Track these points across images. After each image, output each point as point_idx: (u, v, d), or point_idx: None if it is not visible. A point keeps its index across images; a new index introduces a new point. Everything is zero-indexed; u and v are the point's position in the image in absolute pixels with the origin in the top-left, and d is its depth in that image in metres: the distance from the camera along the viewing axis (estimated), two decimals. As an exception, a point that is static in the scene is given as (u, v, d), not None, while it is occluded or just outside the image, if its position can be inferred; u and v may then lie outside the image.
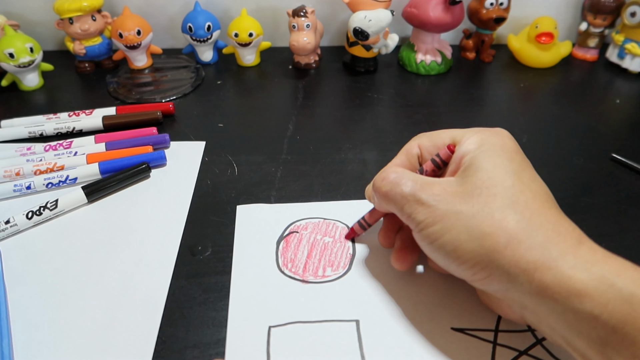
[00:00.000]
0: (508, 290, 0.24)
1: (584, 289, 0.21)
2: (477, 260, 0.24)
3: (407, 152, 0.31)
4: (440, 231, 0.25)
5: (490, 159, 0.26)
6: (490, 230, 0.24)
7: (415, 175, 0.28)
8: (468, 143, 0.28)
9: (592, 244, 0.24)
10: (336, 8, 0.63)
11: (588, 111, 0.53)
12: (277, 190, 0.40)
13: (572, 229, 0.24)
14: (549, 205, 0.25)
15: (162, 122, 0.49)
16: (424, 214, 0.26)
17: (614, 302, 0.21)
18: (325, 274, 0.33)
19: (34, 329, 0.29)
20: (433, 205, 0.26)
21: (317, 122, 0.50)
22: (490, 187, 0.25)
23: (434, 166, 0.30)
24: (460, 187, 0.26)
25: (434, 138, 0.31)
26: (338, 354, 0.28)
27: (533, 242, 0.23)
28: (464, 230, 0.24)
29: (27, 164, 0.41)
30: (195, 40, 0.58)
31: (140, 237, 0.36)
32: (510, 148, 0.27)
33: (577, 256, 0.23)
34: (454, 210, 0.25)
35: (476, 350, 0.28)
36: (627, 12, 0.58)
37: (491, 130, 0.29)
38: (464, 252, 0.24)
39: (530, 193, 0.25)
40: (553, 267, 0.22)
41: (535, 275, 0.23)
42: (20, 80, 0.54)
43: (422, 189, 0.26)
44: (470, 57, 0.64)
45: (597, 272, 0.22)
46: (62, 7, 0.53)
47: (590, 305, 0.21)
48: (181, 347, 0.29)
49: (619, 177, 0.43)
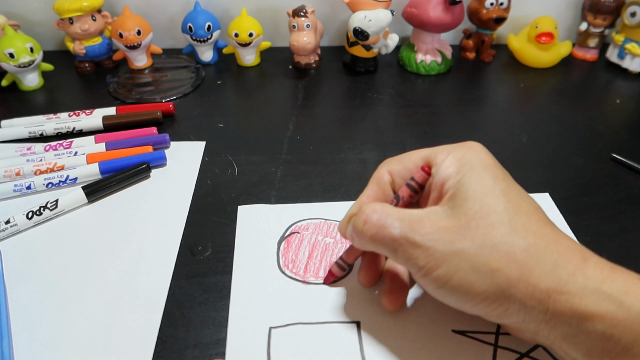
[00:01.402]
0: (524, 321, 0.23)
1: (595, 312, 0.21)
2: (493, 299, 0.23)
3: (377, 181, 0.29)
4: (446, 275, 0.23)
5: (475, 183, 0.25)
6: (498, 266, 0.23)
7: (398, 211, 0.26)
8: (446, 166, 0.26)
9: (596, 258, 0.23)
10: (336, 8, 0.63)
11: (588, 111, 0.53)
12: (277, 190, 0.40)
13: (573, 245, 0.24)
14: (543, 222, 0.24)
15: (162, 122, 0.49)
16: (424, 259, 0.24)
17: (624, 322, 0.21)
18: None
19: (34, 329, 0.29)
20: (431, 247, 0.24)
21: (317, 122, 0.50)
22: (484, 217, 0.24)
23: (410, 191, 0.28)
24: (453, 219, 0.24)
25: (404, 161, 0.29)
26: (339, 355, 0.28)
27: (543, 270, 0.22)
28: (471, 271, 0.23)
29: (27, 164, 0.41)
30: (195, 40, 0.58)
31: (140, 237, 0.36)
32: (489, 164, 0.26)
33: (586, 276, 0.22)
34: (454, 249, 0.23)
35: (477, 352, 0.28)
36: (627, 12, 0.58)
37: (465, 147, 0.27)
38: (477, 293, 0.23)
39: (524, 214, 0.24)
40: (565, 292, 0.22)
41: (549, 303, 0.22)
42: (20, 80, 0.54)
43: (413, 229, 0.24)
44: (470, 57, 0.64)
45: (606, 292, 0.21)
46: (62, 7, 0.53)
47: (602, 327, 0.21)
48: (181, 347, 0.29)
49: (619, 177, 0.43)
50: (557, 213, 0.38)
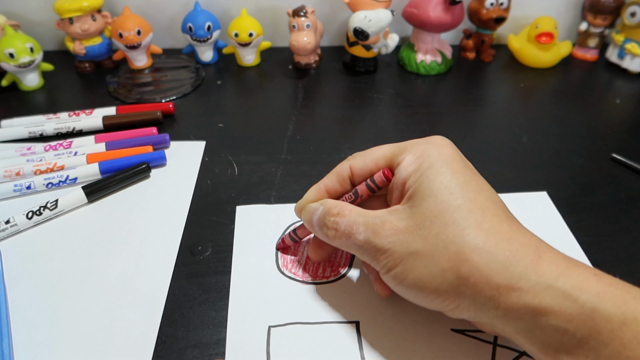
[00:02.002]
0: (477, 316, 0.24)
1: (549, 307, 0.22)
2: (445, 296, 0.24)
3: (337, 173, 0.30)
4: (402, 273, 0.25)
5: (432, 181, 0.25)
6: (449, 265, 0.24)
7: (363, 217, 0.27)
8: (406, 165, 0.27)
9: (552, 253, 0.23)
10: (336, 8, 0.63)
11: (588, 111, 0.53)
12: (277, 190, 0.40)
13: (528, 240, 0.24)
14: (499, 217, 0.25)
15: (162, 122, 0.49)
16: (384, 259, 0.26)
17: (577, 317, 0.21)
18: (325, 275, 0.33)
19: (34, 329, 0.29)
20: (390, 249, 0.25)
21: (317, 122, 0.50)
22: (438, 215, 0.24)
23: (369, 191, 0.29)
24: (411, 220, 0.25)
25: (366, 159, 0.30)
26: (338, 355, 0.28)
27: (493, 267, 0.23)
28: (424, 270, 0.24)
29: (27, 164, 0.41)
30: (195, 40, 0.58)
31: (140, 237, 0.36)
32: (450, 159, 0.26)
33: (539, 272, 0.22)
34: (410, 250, 0.25)
35: (476, 351, 0.28)
36: (627, 12, 0.58)
37: (426, 142, 0.28)
38: (430, 290, 0.24)
39: (479, 210, 0.24)
40: (517, 289, 0.22)
41: (500, 300, 0.23)
42: (20, 80, 0.54)
43: (375, 232, 0.26)
44: (470, 57, 0.64)
45: (560, 288, 0.22)
46: (62, 7, 0.53)
47: (556, 322, 0.22)
48: (181, 347, 0.29)
49: (619, 177, 0.43)
50: (556, 213, 0.38)
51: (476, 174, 0.27)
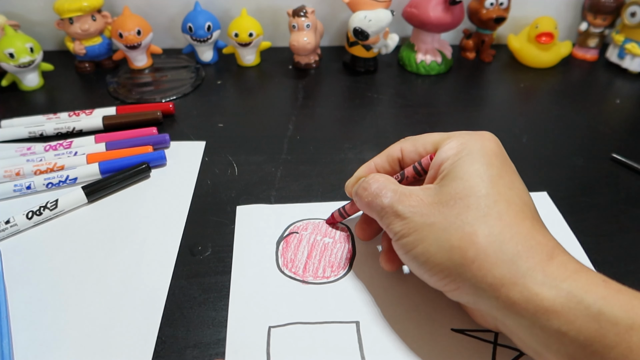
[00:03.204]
0: (476, 303, 0.25)
1: (552, 307, 0.22)
2: (446, 273, 0.24)
3: (388, 154, 0.32)
4: (413, 242, 0.26)
5: (466, 166, 0.26)
6: (458, 244, 0.24)
7: (395, 185, 0.28)
8: (447, 149, 0.28)
9: (564, 257, 0.23)
10: (336, 8, 0.63)
11: (588, 111, 0.53)
12: (277, 190, 0.40)
13: (545, 241, 0.24)
14: (523, 215, 0.25)
15: (162, 122, 0.49)
16: (400, 226, 0.26)
17: (581, 319, 0.21)
18: (325, 275, 0.33)
19: (34, 329, 0.29)
20: (408, 217, 0.26)
21: (317, 122, 0.50)
22: (464, 198, 0.25)
23: (414, 173, 0.30)
24: (437, 197, 0.26)
25: (417, 143, 0.31)
26: (338, 355, 0.28)
27: (501, 258, 0.23)
28: (434, 243, 0.25)
29: (27, 164, 0.41)
30: (195, 40, 0.58)
31: (140, 237, 0.36)
32: (490, 152, 0.27)
33: (546, 272, 0.22)
34: (427, 222, 0.25)
35: (476, 350, 0.28)
36: (627, 12, 0.58)
37: (473, 134, 0.28)
38: (434, 264, 0.25)
39: (505, 203, 0.25)
40: (520, 284, 0.22)
41: (501, 291, 0.23)
42: (20, 80, 0.54)
43: (400, 200, 0.27)
44: (470, 57, 0.64)
45: (565, 289, 0.22)
46: (62, 7, 0.53)
47: (558, 323, 0.21)
48: (181, 347, 0.29)
49: (619, 177, 0.43)
50: (556, 213, 0.38)
51: (514, 172, 0.27)
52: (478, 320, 0.28)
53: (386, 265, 0.31)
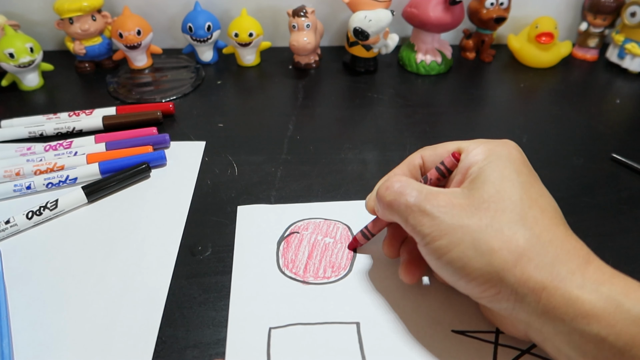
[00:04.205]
0: (514, 309, 0.24)
1: (592, 310, 0.21)
2: (486, 278, 0.23)
3: (409, 162, 0.31)
4: (447, 246, 0.24)
5: (497, 171, 0.25)
6: (499, 247, 0.23)
7: (420, 185, 0.27)
8: (475, 153, 0.27)
9: (599, 262, 0.23)
10: (336, 8, 0.63)
11: (588, 111, 0.53)
12: (277, 190, 0.40)
13: (580, 246, 0.24)
14: (557, 221, 0.25)
15: (162, 122, 0.49)
16: (429, 227, 0.25)
17: (621, 323, 0.21)
18: (326, 275, 0.33)
19: (34, 329, 0.29)
20: (438, 217, 0.25)
21: (317, 122, 0.50)
22: (498, 202, 0.24)
23: (438, 174, 0.29)
24: (467, 199, 0.25)
25: (438, 149, 0.30)
26: (339, 356, 0.28)
27: (542, 261, 0.23)
28: (471, 246, 0.24)
29: (27, 164, 0.41)
30: (195, 40, 0.58)
31: (140, 237, 0.36)
32: (517, 159, 0.27)
33: (585, 276, 0.22)
34: (460, 224, 0.24)
35: (477, 351, 0.28)
36: (627, 12, 0.58)
37: (498, 141, 0.28)
38: (472, 269, 0.24)
39: (539, 208, 0.24)
40: (561, 287, 0.22)
41: (542, 295, 0.22)
42: (20, 80, 0.54)
43: (427, 199, 0.25)
44: (470, 57, 0.64)
45: (604, 293, 0.21)
46: (62, 7, 0.53)
47: (598, 327, 0.21)
48: (181, 347, 0.29)
49: (619, 177, 0.43)
50: (557, 213, 0.38)
51: (539, 180, 0.27)
52: (507, 327, 0.27)
53: (406, 277, 0.30)
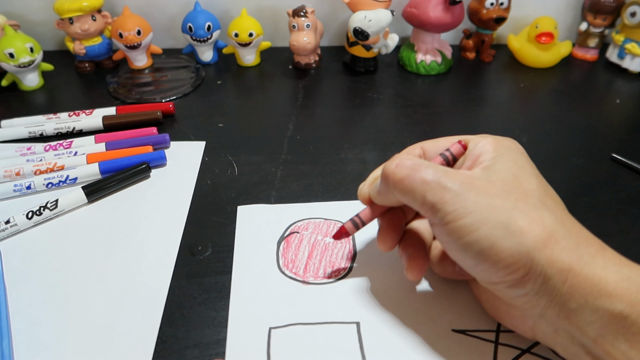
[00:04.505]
0: (539, 292, 0.23)
1: (614, 290, 0.22)
2: (516, 258, 0.22)
3: (408, 151, 0.30)
4: (472, 225, 0.22)
5: (512, 161, 0.25)
6: (529, 227, 0.22)
7: (431, 163, 0.25)
8: (483, 143, 0.27)
9: (612, 250, 0.24)
10: (336, 8, 0.63)
11: (588, 111, 0.53)
12: (277, 190, 0.40)
13: (592, 236, 0.25)
14: (567, 213, 0.25)
15: (162, 122, 0.49)
16: (453, 204, 0.23)
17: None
18: (325, 275, 0.33)
19: (34, 329, 0.29)
20: (463, 194, 0.23)
21: (317, 122, 0.50)
22: (518, 187, 0.24)
23: (443, 160, 0.28)
24: (488, 181, 0.24)
25: (439, 142, 0.30)
26: (339, 355, 0.28)
27: (568, 243, 0.23)
28: (500, 226, 0.22)
29: (27, 164, 0.41)
30: (195, 40, 0.58)
31: (140, 237, 0.36)
32: (524, 154, 0.27)
33: (606, 259, 0.23)
34: (486, 202, 0.23)
35: (478, 350, 0.28)
36: (627, 12, 0.58)
37: (501, 137, 0.28)
38: (501, 249, 0.22)
39: (552, 200, 0.25)
40: (585, 268, 0.22)
41: (569, 276, 0.22)
42: (20, 80, 0.54)
43: (447, 175, 0.24)
44: (470, 57, 0.64)
45: (626, 274, 0.22)
46: (62, 7, 0.53)
47: (621, 305, 0.21)
48: (181, 347, 0.29)
49: (619, 177, 0.43)
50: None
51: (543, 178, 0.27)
52: (513, 322, 0.27)
53: (413, 274, 0.28)
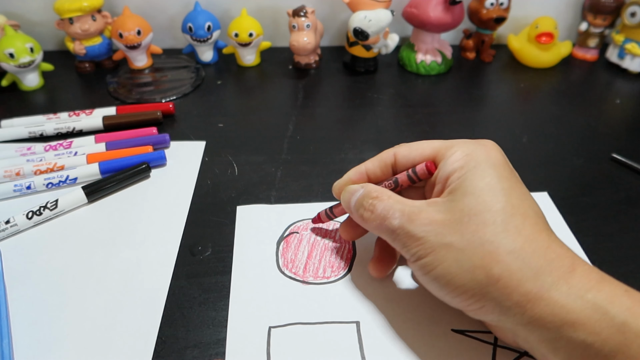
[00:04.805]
0: (500, 320, 0.24)
1: (577, 319, 0.21)
2: (470, 293, 0.24)
3: (381, 159, 0.31)
4: (432, 263, 0.25)
5: (477, 180, 0.25)
6: (481, 263, 0.23)
7: (401, 204, 0.27)
8: (452, 160, 0.27)
9: (585, 267, 0.23)
10: (336, 8, 0.63)
11: (588, 111, 0.53)
12: (277, 190, 0.40)
13: (564, 253, 0.24)
14: (539, 227, 0.24)
15: (162, 122, 0.49)
16: (415, 247, 0.26)
17: (607, 331, 0.21)
18: (325, 275, 0.33)
19: (34, 329, 0.29)
20: (423, 237, 0.25)
21: (317, 122, 0.50)
22: (478, 214, 0.24)
23: (409, 181, 0.29)
24: (449, 213, 0.25)
25: (412, 149, 0.30)
26: (339, 355, 0.28)
27: (525, 273, 0.23)
28: (454, 263, 0.24)
29: (27, 164, 0.41)
30: (195, 40, 0.58)
31: (140, 237, 0.36)
32: (497, 162, 0.26)
33: (570, 283, 0.22)
34: (444, 242, 0.25)
35: (477, 351, 0.28)
36: (627, 12, 0.58)
37: (476, 143, 0.27)
38: (456, 285, 0.24)
39: (521, 217, 0.24)
40: (546, 298, 0.22)
41: (527, 307, 0.22)
42: (20, 80, 0.54)
43: (410, 220, 0.26)
44: (471, 57, 0.64)
45: (590, 300, 0.22)
46: (62, 7, 0.53)
47: (584, 334, 0.21)
48: (181, 347, 0.29)
49: (619, 177, 0.43)
50: (556, 213, 0.38)
51: (521, 182, 0.27)
52: (498, 334, 0.27)
53: (377, 273, 0.31)
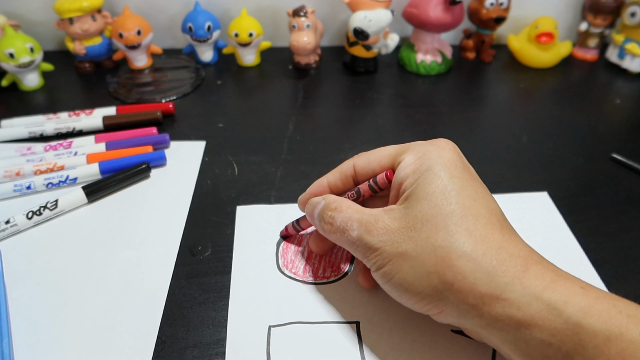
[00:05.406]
0: (461, 323, 0.24)
1: (533, 320, 0.22)
2: (429, 299, 0.24)
3: (341, 171, 0.31)
4: (390, 272, 0.25)
5: (427, 185, 0.25)
6: (434, 269, 0.24)
7: (359, 214, 0.27)
8: (404, 166, 0.27)
9: (538, 266, 0.23)
10: (336, 8, 0.63)
11: (588, 111, 0.53)
12: (277, 191, 0.40)
13: (518, 252, 0.24)
14: (492, 226, 0.24)
15: (162, 122, 0.49)
16: (374, 257, 0.26)
17: (563, 332, 0.21)
18: (325, 275, 0.33)
19: (34, 329, 0.29)
20: (380, 248, 0.26)
21: (317, 122, 0.50)
22: (430, 219, 0.24)
23: (370, 191, 0.29)
24: (403, 220, 0.25)
25: (370, 159, 0.30)
26: (338, 355, 0.28)
27: (478, 276, 0.23)
28: (410, 271, 0.24)
29: (27, 164, 0.41)
30: (195, 40, 0.58)
31: (140, 237, 0.36)
32: (449, 162, 0.26)
33: (525, 284, 0.22)
34: (399, 251, 0.25)
35: (476, 351, 0.28)
36: (627, 12, 0.58)
37: (429, 144, 0.28)
38: (414, 292, 0.25)
39: (472, 217, 0.24)
40: (501, 299, 0.22)
41: (484, 309, 0.23)
42: (20, 80, 0.54)
43: (368, 231, 0.26)
44: (471, 57, 0.64)
45: (545, 300, 0.22)
46: (62, 7, 0.53)
47: (541, 335, 0.21)
48: (181, 347, 0.29)
49: (619, 177, 0.43)
50: (556, 213, 0.38)
51: (476, 179, 0.27)
52: (472, 335, 0.27)
53: (364, 284, 0.31)
